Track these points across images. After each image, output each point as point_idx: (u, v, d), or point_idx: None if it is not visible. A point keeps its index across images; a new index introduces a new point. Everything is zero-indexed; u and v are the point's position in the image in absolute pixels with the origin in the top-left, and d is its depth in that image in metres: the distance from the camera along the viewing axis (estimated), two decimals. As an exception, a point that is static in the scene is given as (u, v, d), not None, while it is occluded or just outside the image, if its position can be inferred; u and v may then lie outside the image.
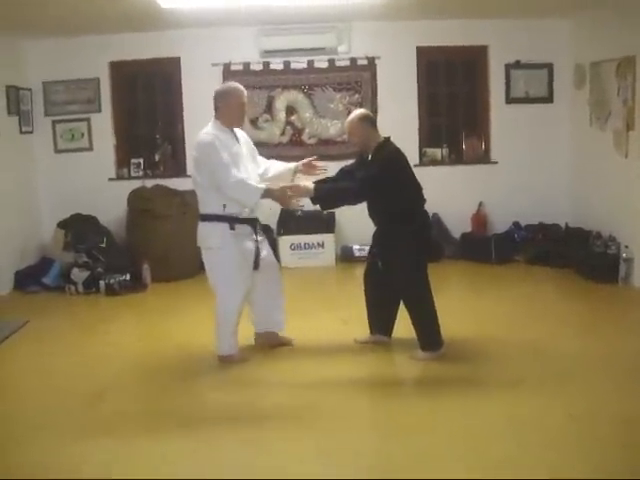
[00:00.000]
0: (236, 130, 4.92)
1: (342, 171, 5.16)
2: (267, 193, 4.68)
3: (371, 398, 4.37)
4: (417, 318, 4.89)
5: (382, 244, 4.96)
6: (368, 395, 4.40)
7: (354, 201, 4.93)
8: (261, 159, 5.13)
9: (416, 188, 4.89)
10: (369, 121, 4.91)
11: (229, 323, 4.81)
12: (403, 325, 5.04)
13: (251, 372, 4.78)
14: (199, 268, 7.49)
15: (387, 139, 4.91)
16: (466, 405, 4.10)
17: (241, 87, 4.87)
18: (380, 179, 4.69)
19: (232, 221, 4.70)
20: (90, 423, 4.07)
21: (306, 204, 5.10)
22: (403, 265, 4.80)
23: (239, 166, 4.68)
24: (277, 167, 5.11)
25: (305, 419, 4.03)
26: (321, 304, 6.51)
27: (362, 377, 4.65)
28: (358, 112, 5.00)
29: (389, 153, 4.82)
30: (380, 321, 5.17)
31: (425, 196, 4.96)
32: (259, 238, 4.90)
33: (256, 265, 4.85)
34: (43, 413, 4.23)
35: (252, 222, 4.84)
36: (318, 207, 4.95)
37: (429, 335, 4.88)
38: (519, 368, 4.68)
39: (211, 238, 4.72)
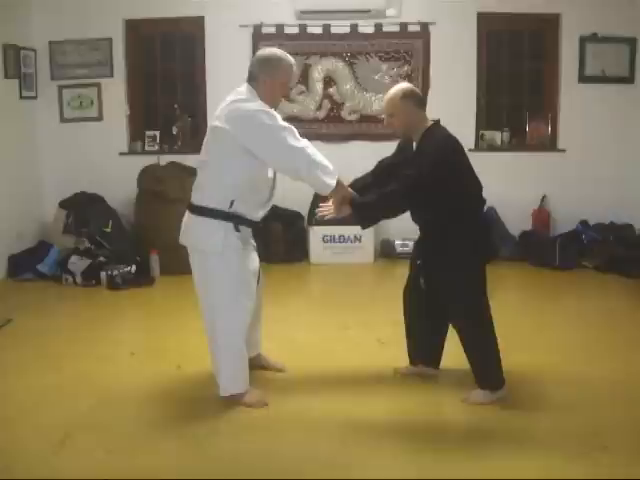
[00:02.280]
0: None
1: (380, 166, 4.09)
2: (339, 186, 3.59)
3: (409, 461, 3.26)
4: (472, 350, 3.84)
5: (429, 256, 3.90)
6: (405, 456, 3.29)
7: (403, 208, 3.83)
8: None
9: (475, 186, 3.82)
10: (415, 99, 3.77)
11: (235, 351, 3.75)
12: (454, 350, 4.00)
13: (267, 410, 3.75)
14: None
15: (437, 123, 3.79)
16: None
17: (292, 59, 3.72)
18: (434, 176, 3.59)
19: (238, 221, 3.65)
20: (50, 474, 3.09)
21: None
22: (456, 284, 3.76)
23: None
24: None
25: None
26: (355, 314, 5.47)
27: (399, 427, 3.56)
28: (401, 86, 3.82)
29: (442, 141, 3.69)
30: (423, 350, 4.14)
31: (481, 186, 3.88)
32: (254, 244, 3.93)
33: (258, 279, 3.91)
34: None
35: (255, 225, 3.79)
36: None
37: (487, 371, 3.83)
38: (600, 421, 3.57)
39: (210, 240, 3.63)
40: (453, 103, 7.14)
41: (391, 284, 6.34)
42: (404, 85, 3.87)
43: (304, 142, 3.52)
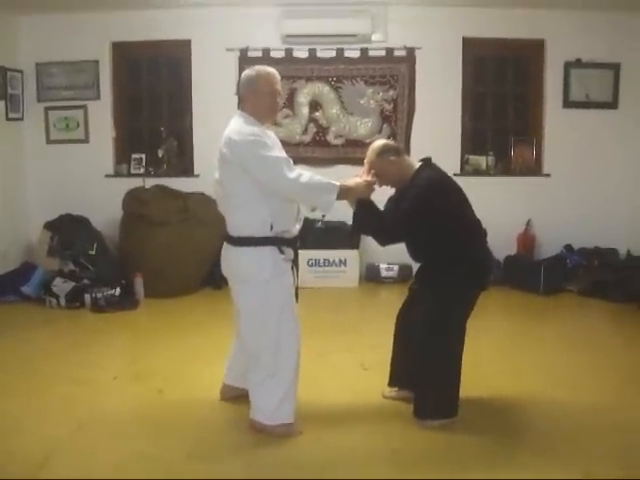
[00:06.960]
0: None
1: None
2: (344, 192, 3.61)
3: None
4: (418, 376, 3.86)
5: (425, 284, 3.94)
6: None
7: (380, 240, 3.86)
8: None
9: (471, 224, 3.87)
10: (391, 152, 3.81)
11: (293, 380, 3.72)
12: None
13: (245, 438, 3.72)
14: (200, 284, 6.71)
15: (426, 163, 3.86)
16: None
17: (274, 71, 3.71)
18: (411, 217, 3.69)
19: (281, 243, 3.59)
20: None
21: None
22: (429, 314, 3.77)
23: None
24: None
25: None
26: (338, 338, 5.45)
27: (380, 455, 3.55)
28: (374, 146, 3.87)
29: (422, 181, 3.73)
30: (404, 374, 4.10)
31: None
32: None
33: (297, 297, 3.80)
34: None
35: (294, 243, 3.71)
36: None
37: (424, 402, 3.84)
38: (583, 448, 3.54)
39: (258, 269, 3.57)
40: (438, 127, 7.19)
41: (375, 308, 6.37)
42: (377, 143, 3.89)
43: (296, 173, 3.48)
